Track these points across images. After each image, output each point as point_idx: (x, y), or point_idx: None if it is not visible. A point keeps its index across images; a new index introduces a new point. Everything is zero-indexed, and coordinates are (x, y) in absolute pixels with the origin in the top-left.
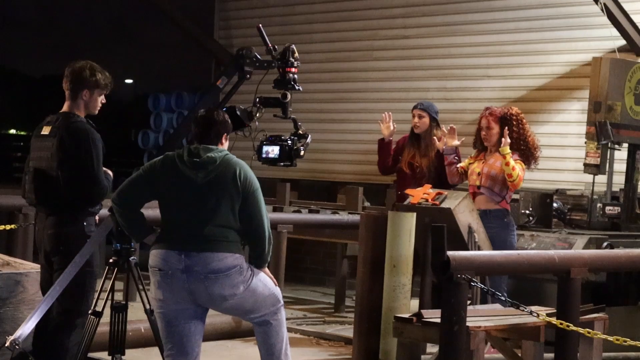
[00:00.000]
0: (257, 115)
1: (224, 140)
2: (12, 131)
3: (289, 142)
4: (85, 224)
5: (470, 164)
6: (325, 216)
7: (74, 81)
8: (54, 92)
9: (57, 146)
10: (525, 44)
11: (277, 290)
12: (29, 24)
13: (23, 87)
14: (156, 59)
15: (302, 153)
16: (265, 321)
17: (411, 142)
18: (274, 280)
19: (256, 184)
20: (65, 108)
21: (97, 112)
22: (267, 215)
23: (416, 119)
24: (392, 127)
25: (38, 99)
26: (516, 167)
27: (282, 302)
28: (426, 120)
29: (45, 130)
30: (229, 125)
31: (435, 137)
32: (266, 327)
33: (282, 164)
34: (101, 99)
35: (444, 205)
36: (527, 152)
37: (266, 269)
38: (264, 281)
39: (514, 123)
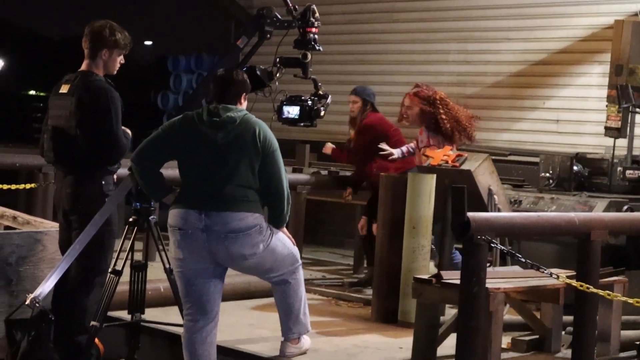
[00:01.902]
0: (278, 75)
1: (242, 100)
2: (32, 92)
3: (309, 102)
4: (103, 182)
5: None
6: (344, 177)
7: (93, 40)
8: (73, 53)
9: (76, 104)
10: (546, 7)
11: (296, 250)
12: None
13: (42, 48)
14: (176, 20)
15: (322, 113)
16: (283, 280)
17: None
18: (292, 239)
19: (275, 144)
20: (84, 67)
21: (115, 72)
22: (286, 175)
23: (350, 104)
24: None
25: (57, 61)
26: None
27: (300, 261)
28: (358, 105)
29: (64, 89)
30: (247, 85)
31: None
32: (285, 287)
33: (302, 124)
34: (120, 59)
35: (464, 167)
36: (460, 128)
37: (284, 229)
38: (283, 241)
39: (439, 106)
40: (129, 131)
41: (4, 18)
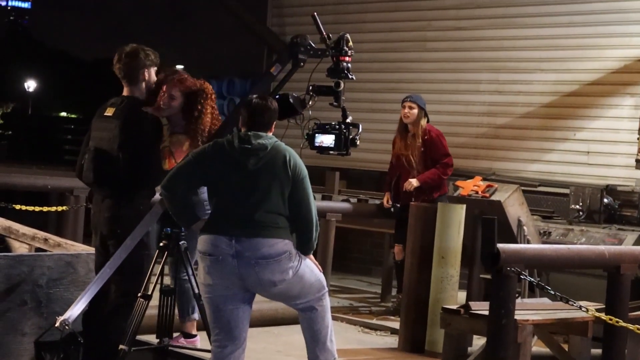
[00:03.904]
0: (310, 103)
1: (272, 127)
2: (63, 114)
3: (345, 130)
4: (141, 207)
5: None
6: (373, 206)
7: (131, 64)
8: (105, 75)
9: (120, 128)
10: (578, 38)
11: (322, 277)
12: (82, 6)
13: (74, 70)
14: (208, 45)
15: (357, 142)
16: (310, 307)
17: (400, 133)
18: (319, 266)
19: (305, 171)
20: (127, 92)
21: (154, 85)
22: (314, 202)
23: (406, 110)
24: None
25: (89, 82)
26: None
27: (326, 288)
28: (415, 111)
29: (109, 112)
30: (277, 112)
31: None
32: (311, 313)
33: (336, 152)
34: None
35: (494, 197)
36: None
37: (311, 256)
38: (311, 267)
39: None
40: None
41: (37, 40)
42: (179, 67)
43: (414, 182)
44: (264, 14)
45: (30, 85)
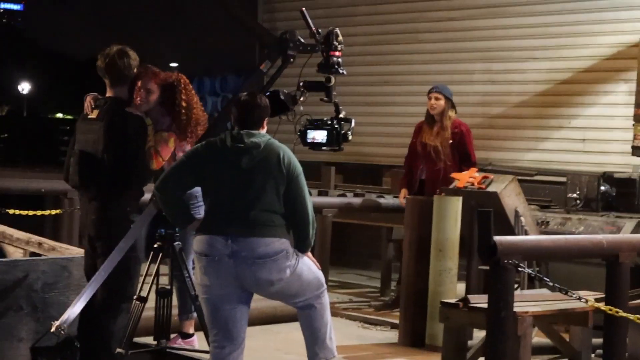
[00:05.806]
0: (301, 99)
1: (264, 125)
2: (59, 115)
3: (337, 126)
4: (128, 209)
5: None
6: (370, 200)
7: (120, 65)
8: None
9: (105, 130)
10: (571, 25)
11: (321, 274)
12: (75, 6)
13: (69, 70)
14: (201, 42)
15: (350, 137)
16: (309, 305)
17: (427, 123)
18: (317, 263)
19: (299, 168)
20: (111, 93)
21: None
22: (310, 199)
23: (433, 101)
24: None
25: (84, 83)
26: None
27: (325, 285)
28: (442, 102)
29: (93, 114)
30: (269, 109)
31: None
32: (310, 311)
33: (328, 148)
34: None
35: (490, 188)
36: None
37: (309, 253)
38: (309, 265)
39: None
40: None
41: (30, 41)
42: (172, 64)
43: None
44: (255, 10)
45: (25, 87)
